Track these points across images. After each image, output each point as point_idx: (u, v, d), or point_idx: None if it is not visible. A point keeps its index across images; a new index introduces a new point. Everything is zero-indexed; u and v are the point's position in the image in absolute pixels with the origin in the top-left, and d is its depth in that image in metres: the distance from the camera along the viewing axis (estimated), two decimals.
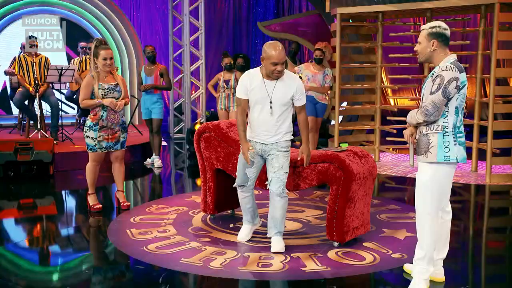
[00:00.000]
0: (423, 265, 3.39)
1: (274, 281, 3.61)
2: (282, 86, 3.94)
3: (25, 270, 3.99)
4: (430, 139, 3.30)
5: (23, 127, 8.79)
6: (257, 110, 3.96)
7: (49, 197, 6.34)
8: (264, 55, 3.87)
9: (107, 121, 5.05)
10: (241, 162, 4.13)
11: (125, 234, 4.51)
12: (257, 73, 3.97)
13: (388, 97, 11.25)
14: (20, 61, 8.02)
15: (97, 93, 4.99)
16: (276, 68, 3.84)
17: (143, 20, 12.38)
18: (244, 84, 3.97)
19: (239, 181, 4.21)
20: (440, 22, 3.35)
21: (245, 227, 4.37)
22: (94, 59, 5.01)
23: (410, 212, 5.20)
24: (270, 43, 3.92)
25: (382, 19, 7.61)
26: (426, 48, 3.31)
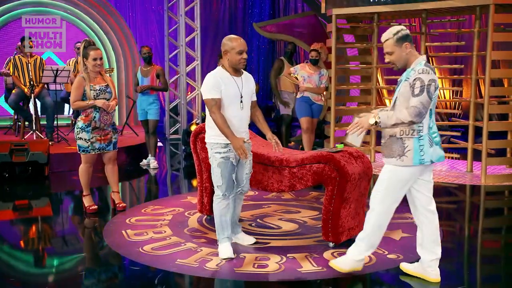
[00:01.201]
0: (361, 246, 3.50)
1: (270, 282, 3.61)
2: (246, 80, 3.99)
3: (21, 272, 3.98)
4: (406, 143, 3.35)
5: (18, 128, 8.76)
6: (230, 109, 3.88)
7: (44, 198, 6.33)
8: (227, 48, 3.86)
9: (100, 122, 5.03)
10: (226, 168, 3.88)
11: (121, 235, 4.50)
12: (223, 72, 3.91)
13: (384, 97, 11.28)
14: (15, 61, 8.00)
15: (89, 95, 4.97)
16: (242, 56, 3.86)
17: (139, 21, 12.38)
18: (216, 83, 3.84)
19: (229, 189, 3.94)
20: (397, 26, 3.39)
21: (227, 245, 4.00)
22: (83, 60, 5.00)
23: (405, 212, 5.20)
24: (229, 36, 3.96)
25: (377, 20, 7.62)
26: (401, 54, 3.35)
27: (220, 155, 3.89)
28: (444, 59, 11.03)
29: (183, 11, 10.55)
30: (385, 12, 7.53)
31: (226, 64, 3.91)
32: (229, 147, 3.88)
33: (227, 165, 3.90)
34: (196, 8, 10.70)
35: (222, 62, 3.97)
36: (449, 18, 8.24)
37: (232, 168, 3.94)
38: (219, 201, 3.97)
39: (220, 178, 3.90)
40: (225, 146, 3.88)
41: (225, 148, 3.88)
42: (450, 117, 10.90)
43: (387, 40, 3.34)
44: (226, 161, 3.89)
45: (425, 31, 7.51)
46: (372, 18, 7.73)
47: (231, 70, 3.91)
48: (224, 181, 3.90)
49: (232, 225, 4.20)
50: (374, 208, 3.49)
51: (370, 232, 3.51)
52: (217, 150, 3.89)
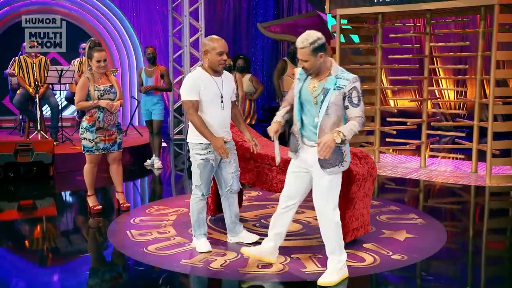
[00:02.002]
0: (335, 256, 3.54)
1: (274, 282, 3.61)
2: (226, 81, 4.00)
3: (25, 271, 3.99)
4: (343, 148, 3.40)
5: (23, 128, 8.79)
6: (211, 109, 3.90)
7: (49, 198, 6.35)
8: (208, 48, 3.87)
9: (103, 123, 5.04)
10: (206, 169, 3.96)
11: (125, 235, 4.51)
12: (202, 73, 3.93)
13: (388, 98, 11.27)
14: (20, 62, 8.03)
15: (93, 95, 4.99)
16: (222, 57, 3.87)
17: (143, 21, 12.39)
18: (195, 85, 3.85)
19: (207, 189, 4.04)
20: (314, 33, 3.36)
21: (204, 240, 4.13)
22: (88, 60, 5.01)
23: (410, 213, 5.20)
24: (210, 36, 3.96)
25: (382, 20, 7.61)
26: (314, 62, 3.35)
27: (200, 157, 3.96)
28: (448, 60, 11.00)
29: (187, 11, 10.56)
30: (389, 13, 7.52)
31: (206, 64, 3.93)
32: (210, 149, 3.94)
33: (207, 166, 3.98)
34: (200, 8, 10.71)
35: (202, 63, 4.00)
36: (453, 18, 8.22)
37: (211, 169, 4.02)
38: (197, 200, 4.08)
39: (199, 178, 4.00)
40: (205, 148, 3.94)
41: (205, 150, 3.95)
42: (454, 117, 10.87)
43: (303, 49, 3.33)
44: (205, 162, 3.97)
45: (429, 32, 7.49)
46: (376, 18, 7.71)
47: (210, 71, 3.92)
48: (202, 181, 4.01)
49: (232, 225, 4.25)
50: (332, 217, 3.49)
51: (338, 240, 3.53)
52: (198, 151, 3.96)
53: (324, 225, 3.52)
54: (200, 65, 3.98)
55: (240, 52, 11.93)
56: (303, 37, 3.33)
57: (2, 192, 6.41)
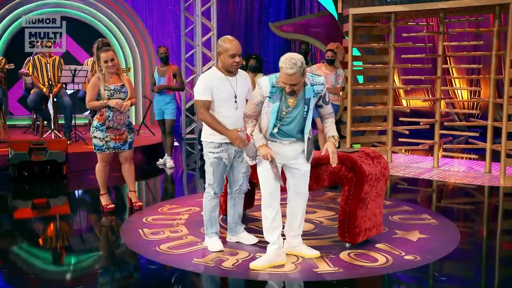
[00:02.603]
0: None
1: (286, 282, 3.61)
2: (241, 80, 3.99)
3: (39, 269, 4.03)
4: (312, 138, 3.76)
5: (37, 127, 8.87)
6: (224, 109, 3.91)
7: (62, 196, 6.40)
8: (221, 49, 3.88)
9: (113, 122, 5.07)
10: (219, 168, 4.00)
11: (138, 234, 4.53)
12: (216, 72, 3.94)
13: (401, 98, 11.21)
14: (34, 61, 8.10)
15: (103, 94, 5.02)
16: (235, 60, 3.86)
17: (156, 21, 12.44)
18: (209, 85, 3.87)
19: (220, 188, 4.07)
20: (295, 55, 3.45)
21: (217, 239, 4.15)
22: (97, 61, 5.05)
23: (423, 213, 5.17)
24: (225, 37, 3.95)
25: (394, 19, 7.57)
26: (302, 82, 3.52)
27: (213, 155, 3.98)
28: (462, 59, 10.91)
29: (199, 11, 10.59)
30: (402, 12, 7.48)
31: (220, 64, 3.93)
32: (223, 147, 3.96)
33: (220, 165, 4.00)
34: (212, 8, 10.73)
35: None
36: (467, 17, 8.15)
37: (224, 168, 4.04)
38: (209, 199, 4.10)
39: (212, 177, 4.03)
40: (218, 146, 3.97)
41: (218, 148, 3.97)
42: (468, 117, 10.78)
43: (294, 74, 3.40)
44: (218, 161, 3.99)
45: (442, 31, 7.43)
46: (389, 17, 7.68)
47: (224, 71, 3.93)
48: (215, 180, 4.04)
49: (234, 224, 4.26)
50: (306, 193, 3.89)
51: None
52: (211, 150, 3.99)
53: (304, 203, 3.90)
54: (215, 64, 3.98)
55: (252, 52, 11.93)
56: (291, 63, 3.39)
57: (17, 191, 6.48)
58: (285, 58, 3.42)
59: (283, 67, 3.41)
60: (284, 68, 3.40)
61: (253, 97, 3.65)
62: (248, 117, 3.67)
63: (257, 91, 3.60)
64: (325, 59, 7.70)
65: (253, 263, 3.78)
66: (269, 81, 3.55)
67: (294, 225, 3.94)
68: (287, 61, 3.39)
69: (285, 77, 3.43)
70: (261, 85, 3.55)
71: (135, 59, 11.48)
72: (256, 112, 3.65)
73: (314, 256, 3.94)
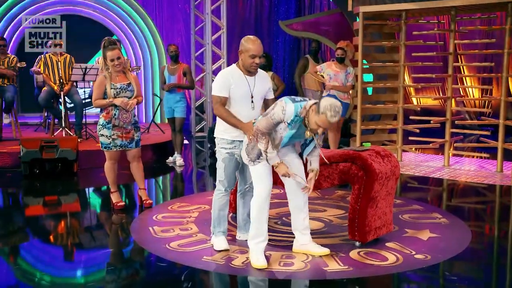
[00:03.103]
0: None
1: (296, 280, 3.61)
2: (259, 80, 3.97)
3: (50, 266, 4.06)
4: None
5: (48, 125, 8.93)
6: (240, 107, 3.90)
7: (73, 194, 6.45)
8: (242, 49, 3.85)
9: (119, 120, 5.09)
10: (231, 164, 3.99)
11: (148, 232, 4.55)
12: (236, 70, 3.92)
13: (411, 96, 11.14)
14: (45, 60, 8.15)
15: (109, 93, 5.04)
16: (255, 61, 3.83)
17: (166, 19, 12.47)
18: (226, 82, 3.86)
19: (231, 184, 4.06)
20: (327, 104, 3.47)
21: (223, 238, 4.13)
22: (104, 60, 5.07)
23: (433, 212, 5.14)
24: (248, 37, 3.91)
25: (405, 17, 7.53)
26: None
27: (225, 151, 3.98)
28: (473, 57, 10.82)
29: (209, 9, 10.59)
30: (413, 10, 7.44)
31: (240, 63, 3.92)
32: (235, 144, 3.95)
33: (232, 161, 3.99)
34: (222, 6, 10.73)
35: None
36: (479, 15, 8.09)
37: (236, 164, 4.02)
38: (220, 196, 4.09)
39: (223, 173, 4.01)
40: (231, 142, 3.96)
41: (231, 144, 3.96)
42: (479, 115, 10.70)
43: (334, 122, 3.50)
44: (231, 157, 3.98)
45: (454, 29, 7.38)
46: (399, 15, 7.64)
47: (243, 70, 3.91)
48: (226, 176, 4.02)
49: (243, 222, 4.26)
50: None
51: None
52: (223, 146, 3.99)
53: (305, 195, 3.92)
54: (236, 62, 3.96)
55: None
56: (335, 112, 3.46)
57: (28, 188, 6.53)
58: (329, 105, 3.43)
59: (326, 114, 3.42)
60: (328, 116, 3.42)
61: (273, 116, 3.59)
62: (263, 134, 3.65)
63: (278, 114, 3.57)
64: (335, 57, 7.67)
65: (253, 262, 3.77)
66: (294, 110, 3.54)
67: (299, 219, 3.95)
68: (332, 109, 3.42)
69: (325, 123, 3.47)
70: (286, 111, 3.54)
71: (145, 57, 11.51)
72: (272, 130, 3.66)
73: (324, 253, 3.94)
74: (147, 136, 9.03)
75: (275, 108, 3.59)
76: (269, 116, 3.60)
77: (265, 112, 3.69)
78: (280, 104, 3.57)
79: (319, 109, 3.45)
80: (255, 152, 3.74)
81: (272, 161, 3.69)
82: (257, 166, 3.77)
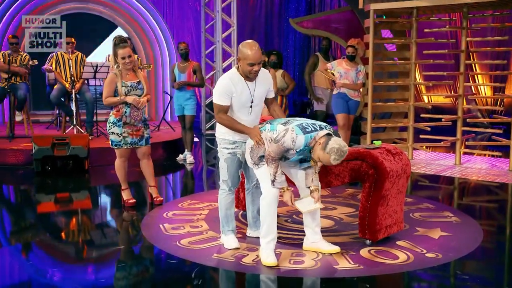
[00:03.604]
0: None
1: (307, 278, 3.60)
2: (260, 83, 3.92)
3: (61, 263, 4.09)
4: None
5: (60, 122, 8.99)
6: (238, 113, 3.87)
7: (84, 191, 6.49)
8: (241, 56, 3.77)
9: (130, 118, 5.11)
10: (233, 163, 3.99)
11: (158, 229, 4.57)
12: (236, 75, 3.85)
13: (422, 94, 11.08)
14: (57, 58, 8.20)
15: (120, 91, 5.06)
16: (253, 68, 3.76)
17: (176, 17, 12.49)
18: (228, 90, 3.80)
19: (234, 183, 4.06)
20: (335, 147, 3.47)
21: (232, 236, 4.13)
22: (114, 58, 5.08)
23: (444, 211, 5.11)
24: (246, 42, 3.82)
25: (416, 14, 7.48)
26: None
27: (227, 151, 3.98)
28: (486, 55, 10.73)
29: (219, 7, 10.60)
30: (424, 7, 7.38)
31: (240, 68, 3.86)
32: (237, 144, 3.95)
33: (234, 160, 3.99)
34: (232, 4, 10.73)
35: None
36: (491, 12, 8.01)
37: (239, 164, 4.02)
38: (225, 195, 4.10)
39: (226, 173, 4.02)
40: (232, 143, 3.96)
41: (233, 145, 3.96)
42: (491, 114, 10.61)
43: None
44: (233, 157, 3.98)
45: (466, 26, 7.32)
46: (410, 13, 7.59)
47: (243, 75, 3.85)
48: (229, 176, 4.02)
49: (253, 219, 4.26)
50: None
51: None
52: (225, 146, 3.99)
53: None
54: (237, 66, 3.90)
55: (272, 48, 11.91)
56: (341, 156, 3.48)
57: (40, 185, 6.58)
58: (336, 149, 3.44)
59: (330, 156, 3.44)
60: (331, 158, 3.45)
61: (283, 144, 3.57)
62: (273, 160, 3.65)
63: (288, 143, 3.56)
64: (345, 55, 7.64)
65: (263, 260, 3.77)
66: (304, 141, 3.54)
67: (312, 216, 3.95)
68: (338, 153, 3.45)
69: (326, 162, 3.52)
70: (295, 143, 3.55)
71: (155, 55, 11.54)
72: (282, 155, 3.67)
73: (334, 251, 3.93)
74: (157, 133, 9.06)
75: (285, 136, 3.56)
76: (280, 143, 3.58)
77: (276, 138, 3.61)
78: (290, 135, 3.55)
79: (326, 147, 3.47)
80: (257, 156, 3.77)
81: (280, 185, 3.70)
82: (262, 168, 3.78)
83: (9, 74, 8.06)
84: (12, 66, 8.07)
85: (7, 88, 8.11)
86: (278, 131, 3.63)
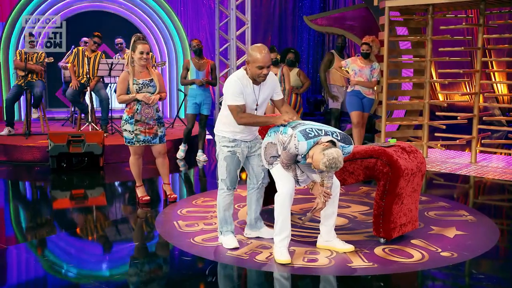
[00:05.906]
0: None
1: (321, 276, 3.59)
2: (265, 88, 3.92)
3: (76, 258, 4.12)
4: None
5: (75, 120, 9.07)
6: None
7: (99, 188, 6.53)
8: (250, 59, 3.77)
9: (141, 115, 5.13)
10: (232, 162, 3.99)
11: (172, 226, 4.59)
12: (244, 78, 3.85)
13: (437, 92, 10.98)
14: (78, 52, 8.24)
15: (132, 88, 5.08)
16: (262, 71, 3.76)
17: (190, 15, 12.52)
18: (238, 89, 3.81)
19: (232, 183, 4.05)
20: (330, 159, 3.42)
21: (231, 236, 4.10)
22: (131, 53, 5.11)
23: (460, 209, 5.07)
24: (255, 46, 3.82)
25: (432, 11, 7.41)
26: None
27: (227, 149, 3.98)
28: (503, 52, 10.60)
29: (234, 4, 10.59)
30: (440, 4, 7.31)
31: (248, 71, 3.85)
32: (236, 142, 3.96)
33: (234, 159, 3.98)
34: (246, 1, 10.71)
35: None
36: (509, 9, 7.91)
37: (238, 163, 4.01)
38: (224, 195, 4.08)
39: (225, 171, 4.01)
40: (232, 141, 3.97)
41: (233, 143, 3.97)
42: (508, 111, 10.49)
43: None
44: (232, 155, 3.98)
45: (483, 23, 7.24)
46: (426, 10, 7.52)
47: (251, 77, 3.85)
48: (228, 175, 4.01)
49: (256, 219, 4.24)
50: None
51: None
52: (225, 144, 3.99)
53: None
54: (245, 68, 3.90)
55: (286, 45, 11.90)
56: (330, 166, 3.42)
57: (56, 182, 6.64)
58: (333, 157, 3.39)
59: (323, 159, 3.40)
60: (322, 160, 3.41)
61: (290, 150, 3.59)
62: (287, 165, 3.69)
63: (292, 150, 3.57)
64: (360, 52, 7.60)
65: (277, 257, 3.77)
66: (307, 147, 3.53)
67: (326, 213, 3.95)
68: (331, 162, 3.40)
69: (316, 163, 3.48)
70: (298, 149, 3.55)
71: (170, 53, 11.58)
72: (295, 159, 3.68)
73: (348, 250, 3.91)
74: (171, 131, 9.09)
75: (290, 143, 3.58)
76: (287, 150, 3.61)
77: (284, 145, 3.64)
78: (293, 141, 3.55)
79: (325, 149, 3.44)
80: (270, 155, 3.81)
81: (305, 183, 3.76)
82: (276, 167, 3.80)
83: (26, 71, 8.15)
84: (28, 63, 8.15)
85: (23, 85, 8.21)
86: (288, 134, 3.63)
